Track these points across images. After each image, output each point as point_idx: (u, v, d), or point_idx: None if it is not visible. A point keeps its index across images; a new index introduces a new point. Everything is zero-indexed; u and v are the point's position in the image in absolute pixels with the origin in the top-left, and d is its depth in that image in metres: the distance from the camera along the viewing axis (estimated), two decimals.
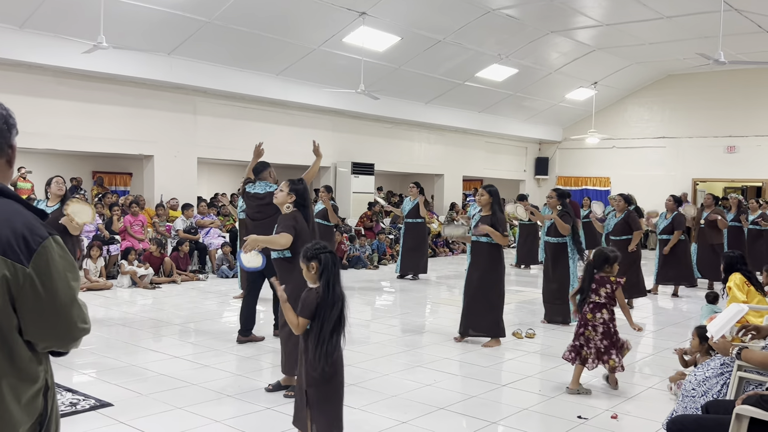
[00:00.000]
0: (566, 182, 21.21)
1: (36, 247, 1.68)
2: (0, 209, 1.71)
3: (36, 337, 1.72)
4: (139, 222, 11.18)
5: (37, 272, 1.67)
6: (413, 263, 11.42)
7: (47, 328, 1.72)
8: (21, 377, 1.72)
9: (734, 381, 3.60)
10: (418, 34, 13.05)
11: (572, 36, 14.50)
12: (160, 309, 8.41)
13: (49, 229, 1.75)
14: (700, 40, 13.71)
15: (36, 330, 1.71)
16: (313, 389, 3.45)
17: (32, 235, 1.69)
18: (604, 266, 5.15)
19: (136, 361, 5.83)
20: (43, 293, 1.68)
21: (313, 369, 3.38)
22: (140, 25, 10.53)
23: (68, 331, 1.76)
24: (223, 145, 13.50)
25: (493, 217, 6.58)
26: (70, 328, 1.75)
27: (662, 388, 5.33)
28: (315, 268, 3.43)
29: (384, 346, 6.62)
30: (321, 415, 3.47)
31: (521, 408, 4.80)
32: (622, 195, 9.36)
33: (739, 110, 18.06)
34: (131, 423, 4.28)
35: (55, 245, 1.73)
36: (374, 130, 16.53)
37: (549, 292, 7.88)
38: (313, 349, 3.37)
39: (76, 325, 1.76)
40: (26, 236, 1.68)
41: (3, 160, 1.84)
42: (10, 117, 1.85)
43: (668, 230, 10.11)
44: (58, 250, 1.74)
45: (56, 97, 10.98)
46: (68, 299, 1.74)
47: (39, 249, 1.69)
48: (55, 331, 1.73)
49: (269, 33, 11.74)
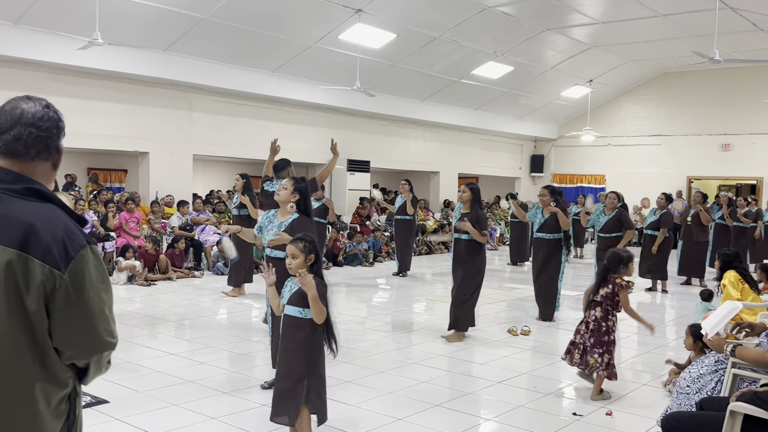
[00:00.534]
0: (561, 180, 21.25)
1: (74, 255, 1.69)
2: (42, 214, 1.71)
3: (62, 344, 1.72)
4: (135, 219, 11.15)
5: (71, 279, 1.68)
6: (401, 260, 11.53)
7: (73, 335, 1.72)
8: (52, 381, 1.73)
9: (728, 378, 3.62)
10: (414, 32, 13.04)
11: (568, 34, 14.52)
12: (155, 306, 8.40)
13: (88, 238, 1.76)
14: (696, 39, 13.74)
15: (62, 337, 1.71)
16: (315, 377, 3.64)
17: (71, 242, 1.70)
18: (619, 267, 5.02)
19: (131, 358, 5.83)
20: (75, 300, 1.69)
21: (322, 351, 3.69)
22: (136, 21, 10.50)
23: (93, 341, 1.75)
24: (219, 142, 13.48)
25: (473, 215, 6.67)
26: (95, 339, 1.75)
27: (656, 385, 5.36)
28: (312, 260, 3.67)
29: (379, 343, 6.63)
30: (319, 400, 3.67)
31: (516, 405, 4.82)
32: (615, 193, 9.44)
33: (733, 108, 18.12)
34: (127, 420, 4.28)
35: (92, 255, 1.74)
36: (370, 128, 16.53)
37: (539, 289, 7.88)
38: (328, 336, 3.68)
39: (102, 337, 1.76)
40: (66, 242, 1.69)
41: (49, 164, 1.84)
42: (61, 120, 1.85)
43: (655, 226, 10.23)
44: (94, 260, 1.75)
45: (51, 93, 10.93)
46: (98, 310, 1.74)
47: (77, 257, 1.70)
48: (80, 339, 1.73)
49: (265, 30, 11.72)
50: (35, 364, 1.69)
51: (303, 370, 3.62)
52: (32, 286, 1.65)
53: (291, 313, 3.68)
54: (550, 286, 7.77)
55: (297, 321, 3.66)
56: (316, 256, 3.67)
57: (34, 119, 1.78)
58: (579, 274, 12.42)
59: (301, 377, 3.62)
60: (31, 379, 1.69)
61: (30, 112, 1.79)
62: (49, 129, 1.80)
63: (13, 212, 1.69)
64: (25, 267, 1.64)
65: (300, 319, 3.65)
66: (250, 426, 4.23)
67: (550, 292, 7.77)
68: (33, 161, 1.79)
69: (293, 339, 3.67)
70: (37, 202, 1.73)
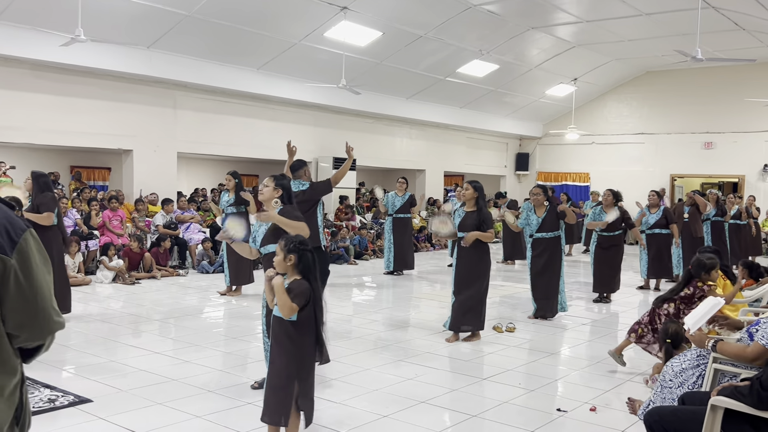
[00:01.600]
0: (546, 178, 21.36)
1: (18, 239, 1.70)
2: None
3: (15, 328, 1.72)
4: (118, 217, 11.08)
5: (19, 264, 1.69)
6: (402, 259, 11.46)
7: (27, 319, 1.72)
8: (5, 370, 1.73)
9: (710, 373, 3.66)
10: (399, 30, 13.05)
11: (552, 32, 14.59)
12: (139, 305, 8.35)
13: (26, 223, 1.78)
14: (679, 38, 13.86)
15: (17, 320, 1.72)
16: (305, 378, 3.61)
17: (14, 228, 1.71)
18: (701, 273, 5.18)
19: (115, 357, 5.79)
20: (25, 284, 1.70)
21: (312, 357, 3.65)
22: (119, 17, 10.42)
23: (46, 322, 1.76)
24: (204, 140, 13.41)
25: (479, 214, 6.51)
26: (47, 319, 1.76)
27: (639, 381, 5.40)
28: (292, 260, 3.57)
29: (365, 341, 6.63)
30: (307, 402, 3.63)
31: (502, 401, 4.84)
32: (611, 190, 9.34)
33: (716, 107, 18.29)
34: (111, 419, 4.25)
35: (32, 238, 1.76)
36: (356, 125, 16.51)
37: (544, 288, 7.72)
38: (314, 338, 3.62)
39: (53, 318, 1.78)
40: (8, 228, 1.70)
41: None
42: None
43: (662, 224, 10.22)
44: (35, 242, 1.76)
45: (33, 90, 10.83)
46: (47, 291, 1.76)
47: (20, 241, 1.71)
48: (34, 322, 1.74)
49: (250, 27, 11.67)
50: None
51: (293, 370, 3.57)
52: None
53: (274, 312, 3.67)
54: (555, 284, 7.67)
55: (286, 321, 3.63)
56: (299, 257, 3.56)
57: None
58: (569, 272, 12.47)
59: (290, 378, 3.57)
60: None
61: None
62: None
63: None
64: None
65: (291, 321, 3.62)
66: (236, 424, 4.22)
67: (556, 290, 7.68)
68: None
69: (282, 339, 3.62)
70: None
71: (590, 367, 5.88)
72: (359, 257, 13.48)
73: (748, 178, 18.14)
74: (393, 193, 11.64)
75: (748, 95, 16.49)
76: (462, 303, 6.61)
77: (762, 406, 2.93)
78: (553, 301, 7.74)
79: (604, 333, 7.35)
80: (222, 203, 9.12)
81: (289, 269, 3.60)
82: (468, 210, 6.62)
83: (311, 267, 3.59)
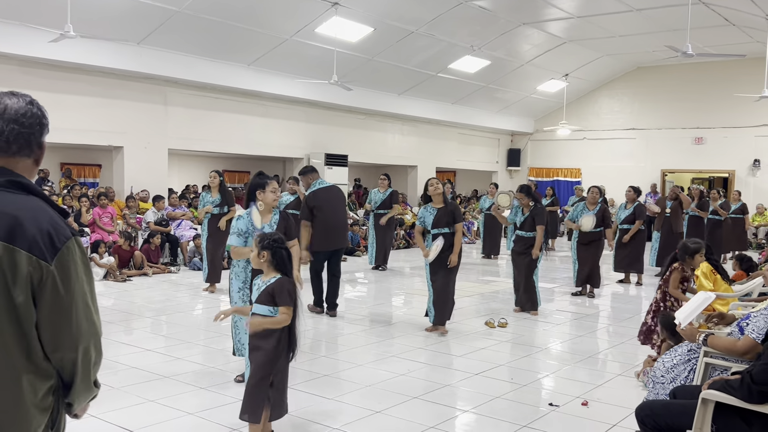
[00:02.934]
0: (538, 173, 21.41)
1: (60, 246, 1.69)
2: (27, 206, 1.71)
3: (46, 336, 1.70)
4: (108, 214, 11.02)
5: (59, 271, 1.68)
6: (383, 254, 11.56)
7: (58, 329, 1.70)
8: (38, 373, 1.72)
9: (701, 367, 3.68)
10: (391, 25, 13.02)
11: (544, 28, 14.60)
12: (131, 302, 8.32)
13: (73, 230, 1.76)
14: (669, 33, 13.90)
15: (47, 329, 1.70)
16: (282, 373, 3.68)
17: (57, 234, 1.69)
18: (685, 257, 5.26)
19: (106, 354, 5.71)
20: (63, 292, 1.68)
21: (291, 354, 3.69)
22: (108, 13, 10.34)
23: (77, 336, 1.73)
24: (195, 137, 13.35)
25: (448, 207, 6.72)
26: (78, 334, 1.73)
27: (630, 375, 5.43)
28: (265, 257, 3.64)
29: (357, 337, 6.63)
30: (280, 396, 3.70)
31: (493, 396, 4.85)
32: (597, 187, 9.40)
33: (706, 102, 18.38)
34: (102, 416, 4.23)
35: (77, 246, 1.74)
36: (347, 121, 16.49)
37: (525, 283, 7.98)
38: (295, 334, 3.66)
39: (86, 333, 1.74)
40: (52, 234, 1.68)
41: (31, 160, 1.84)
42: (45, 117, 1.85)
43: (630, 220, 10.30)
44: (79, 251, 1.74)
45: (22, 86, 10.64)
46: (83, 301, 1.73)
47: (63, 248, 1.69)
48: (64, 334, 1.71)
49: (240, 23, 11.62)
50: (21, 356, 1.67)
51: (269, 368, 3.63)
52: (19, 278, 1.64)
53: (259, 311, 3.67)
54: (531, 280, 7.91)
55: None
56: (272, 254, 3.62)
57: (17, 115, 1.78)
58: (554, 267, 12.53)
59: (266, 375, 3.63)
60: (17, 372, 1.67)
61: (13, 108, 1.78)
62: (31, 125, 1.80)
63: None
64: (11, 258, 1.64)
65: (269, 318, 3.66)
66: (227, 421, 4.21)
67: (532, 286, 7.92)
68: (14, 157, 1.78)
69: (261, 337, 3.66)
70: (22, 194, 1.73)
71: (582, 361, 5.90)
72: (351, 253, 13.47)
73: (738, 173, 18.24)
74: (375, 190, 11.73)
75: (738, 90, 16.55)
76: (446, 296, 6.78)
77: (752, 399, 2.95)
78: (531, 297, 7.94)
79: (595, 328, 7.38)
80: (206, 202, 9.07)
81: (263, 266, 3.67)
82: (438, 206, 6.69)
83: (285, 262, 3.67)
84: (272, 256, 3.64)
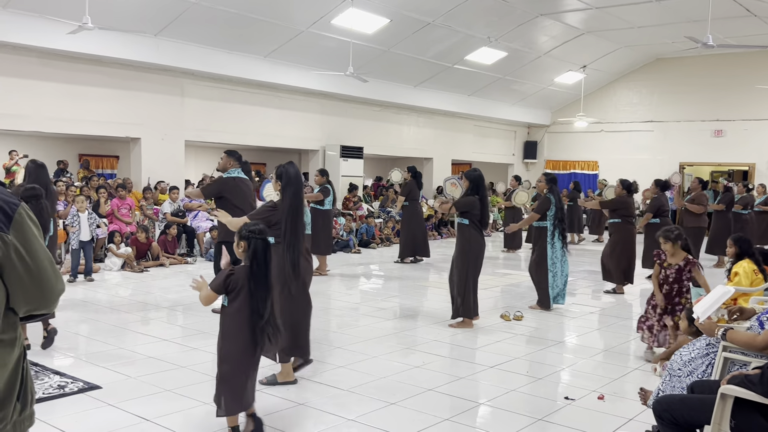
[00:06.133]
0: (554, 166, 21.26)
1: (13, 214, 1.70)
2: None
3: (23, 302, 1.73)
4: (127, 205, 11.10)
5: (18, 239, 1.69)
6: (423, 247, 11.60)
7: (34, 291, 1.73)
8: (8, 343, 1.74)
9: (719, 361, 3.64)
10: (407, 17, 12.96)
11: (561, 19, 14.47)
12: (148, 292, 8.39)
13: (18, 198, 1.78)
14: (689, 24, 13.72)
15: (24, 295, 1.73)
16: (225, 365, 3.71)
17: (7, 204, 1.71)
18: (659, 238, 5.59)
19: (124, 344, 5.82)
20: (28, 258, 1.71)
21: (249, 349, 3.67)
22: (126, 5, 10.39)
23: (50, 292, 1.78)
24: (211, 128, 13.41)
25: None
26: (51, 290, 1.78)
27: (647, 369, 5.39)
28: (242, 246, 3.66)
29: (373, 329, 6.64)
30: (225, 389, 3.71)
31: (509, 389, 4.83)
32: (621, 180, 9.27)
33: (726, 94, 18.13)
34: (120, 405, 4.27)
35: (26, 211, 1.76)
36: (363, 113, 16.47)
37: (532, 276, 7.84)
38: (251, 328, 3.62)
39: (56, 286, 1.79)
40: (2, 205, 1.70)
41: None
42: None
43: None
44: (28, 215, 1.76)
45: (41, 78, 10.83)
46: (46, 261, 1.76)
47: (15, 216, 1.71)
48: (41, 293, 1.75)
49: (257, 15, 11.62)
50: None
51: (223, 357, 3.69)
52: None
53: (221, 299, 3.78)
54: (539, 276, 7.67)
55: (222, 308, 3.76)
56: (248, 244, 3.61)
57: None
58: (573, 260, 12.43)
59: (218, 363, 3.71)
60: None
61: None
62: None
63: None
64: None
65: (222, 306, 3.75)
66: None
67: (545, 283, 7.64)
68: None
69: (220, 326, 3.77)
70: None
71: (598, 355, 5.86)
72: (367, 246, 13.48)
73: (758, 166, 17.99)
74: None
75: (759, 82, 16.33)
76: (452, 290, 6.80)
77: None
78: (541, 293, 7.69)
79: (611, 322, 7.33)
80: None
81: (242, 255, 3.69)
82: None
83: (258, 254, 3.61)
84: (248, 246, 3.64)
